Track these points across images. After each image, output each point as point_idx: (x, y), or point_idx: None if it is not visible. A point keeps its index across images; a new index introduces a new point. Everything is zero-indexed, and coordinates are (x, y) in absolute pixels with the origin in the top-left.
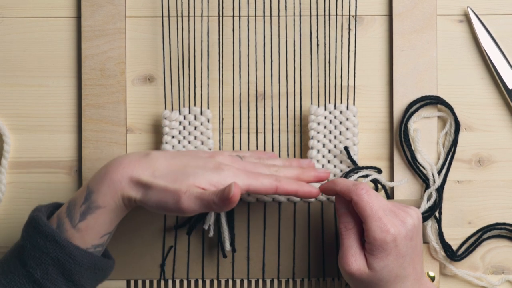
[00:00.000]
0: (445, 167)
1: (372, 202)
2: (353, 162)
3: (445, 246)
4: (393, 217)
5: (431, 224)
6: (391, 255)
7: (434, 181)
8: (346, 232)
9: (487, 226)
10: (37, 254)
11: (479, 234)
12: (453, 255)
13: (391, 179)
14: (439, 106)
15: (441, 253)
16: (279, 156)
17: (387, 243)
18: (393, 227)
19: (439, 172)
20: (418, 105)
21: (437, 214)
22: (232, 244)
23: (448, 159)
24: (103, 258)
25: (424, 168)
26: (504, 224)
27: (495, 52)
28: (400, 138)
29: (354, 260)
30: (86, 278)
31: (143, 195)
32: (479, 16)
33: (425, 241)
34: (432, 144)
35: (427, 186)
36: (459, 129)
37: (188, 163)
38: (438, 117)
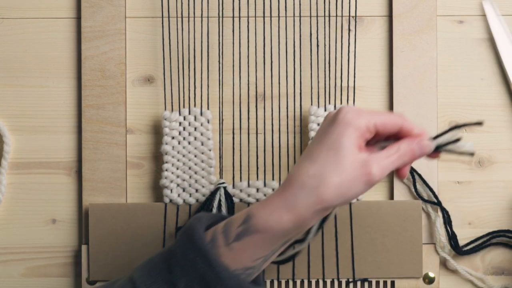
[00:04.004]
0: None
1: None
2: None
3: (452, 235)
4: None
5: (439, 220)
6: None
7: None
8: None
9: (498, 231)
10: (186, 265)
11: (488, 237)
12: (456, 246)
13: (391, 179)
14: None
15: (447, 245)
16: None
17: None
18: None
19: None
20: None
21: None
22: None
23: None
24: (252, 284)
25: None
26: None
27: (509, 51)
28: None
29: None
30: None
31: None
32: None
33: (432, 237)
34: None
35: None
36: None
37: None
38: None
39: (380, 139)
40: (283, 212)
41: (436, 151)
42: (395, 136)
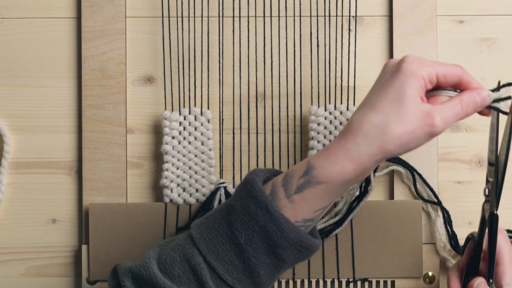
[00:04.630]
0: None
1: None
2: None
3: (452, 235)
4: None
5: (439, 220)
6: None
7: None
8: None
9: None
10: (246, 218)
11: None
12: (457, 246)
13: (391, 179)
14: None
15: (447, 245)
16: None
17: None
18: None
19: None
20: None
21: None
22: None
23: None
24: (311, 237)
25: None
26: None
27: None
28: None
29: None
30: (289, 253)
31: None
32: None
33: (432, 237)
34: (432, 144)
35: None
36: None
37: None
38: None
39: (436, 89)
40: (345, 162)
41: (489, 107)
42: (452, 87)
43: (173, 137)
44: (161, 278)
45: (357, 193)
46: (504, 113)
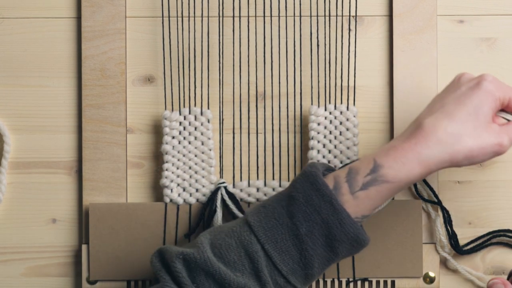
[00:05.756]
0: None
1: None
2: None
3: (452, 235)
4: None
5: (439, 220)
6: None
7: None
8: None
9: (498, 231)
10: (309, 210)
11: (489, 236)
12: (457, 245)
13: None
14: None
15: (447, 245)
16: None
17: None
18: None
19: None
20: None
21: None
22: None
23: None
24: (365, 233)
25: None
26: None
27: None
28: None
29: None
30: (344, 247)
31: None
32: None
33: (432, 237)
34: None
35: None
36: None
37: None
38: None
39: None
40: (415, 165)
41: None
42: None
43: (173, 137)
44: (216, 263)
45: None
46: None
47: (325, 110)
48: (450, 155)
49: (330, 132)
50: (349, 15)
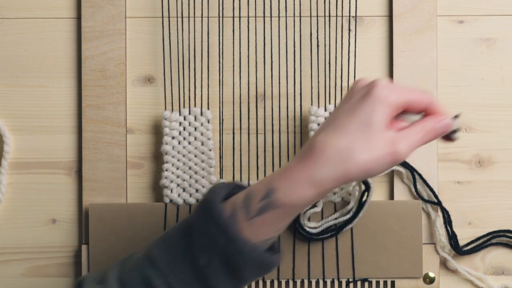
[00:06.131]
0: None
1: None
2: None
3: (452, 235)
4: None
5: (439, 220)
6: None
7: None
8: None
9: (498, 231)
10: (205, 240)
11: (489, 237)
12: (457, 246)
13: (391, 179)
14: None
15: (447, 245)
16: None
17: None
18: None
19: None
20: None
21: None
22: None
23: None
24: (270, 255)
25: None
26: None
27: None
28: None
29: None
30: (248, 272)
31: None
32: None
33: (432, 237)
34: (432, 144)
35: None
36: None
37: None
38: None
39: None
40: (307, 187)
41: (452, 133)
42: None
43: (173, 137)
44: None
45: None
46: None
47: (325, 110)
48: (343, 172)
49: None
50: (349, 16)
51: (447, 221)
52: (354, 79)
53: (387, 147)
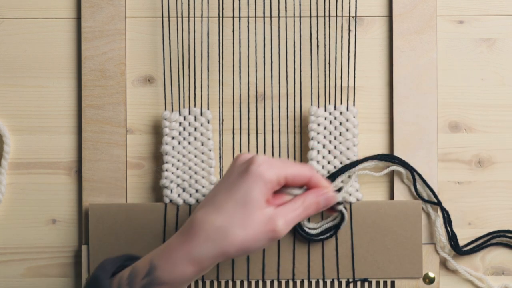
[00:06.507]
0: None
1: None
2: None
3: (452, 235)
4: None
5: (439, 220)
6: None
7: None
8: None
9: (498, 231)
10: None
11: (489, 237)
12: (456, 246)
13: (391, 179)
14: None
15: (447, 245)
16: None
17: None
18: None
19: None
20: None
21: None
22: None
23: None
24: None
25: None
26: None
27: None
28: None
29: None
30: None
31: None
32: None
33: (432, 237)
34: (432, 144)
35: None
36: None
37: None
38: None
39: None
40: (186, 264)
41: (336, 205)
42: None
43: (173, 138)
44: None
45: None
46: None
47: (325, 110)
48: (221, 250)
49: (330, 133)
50: (349, 16)
51: (447, 221)
52: (354, 80)
53: (264, 225)
